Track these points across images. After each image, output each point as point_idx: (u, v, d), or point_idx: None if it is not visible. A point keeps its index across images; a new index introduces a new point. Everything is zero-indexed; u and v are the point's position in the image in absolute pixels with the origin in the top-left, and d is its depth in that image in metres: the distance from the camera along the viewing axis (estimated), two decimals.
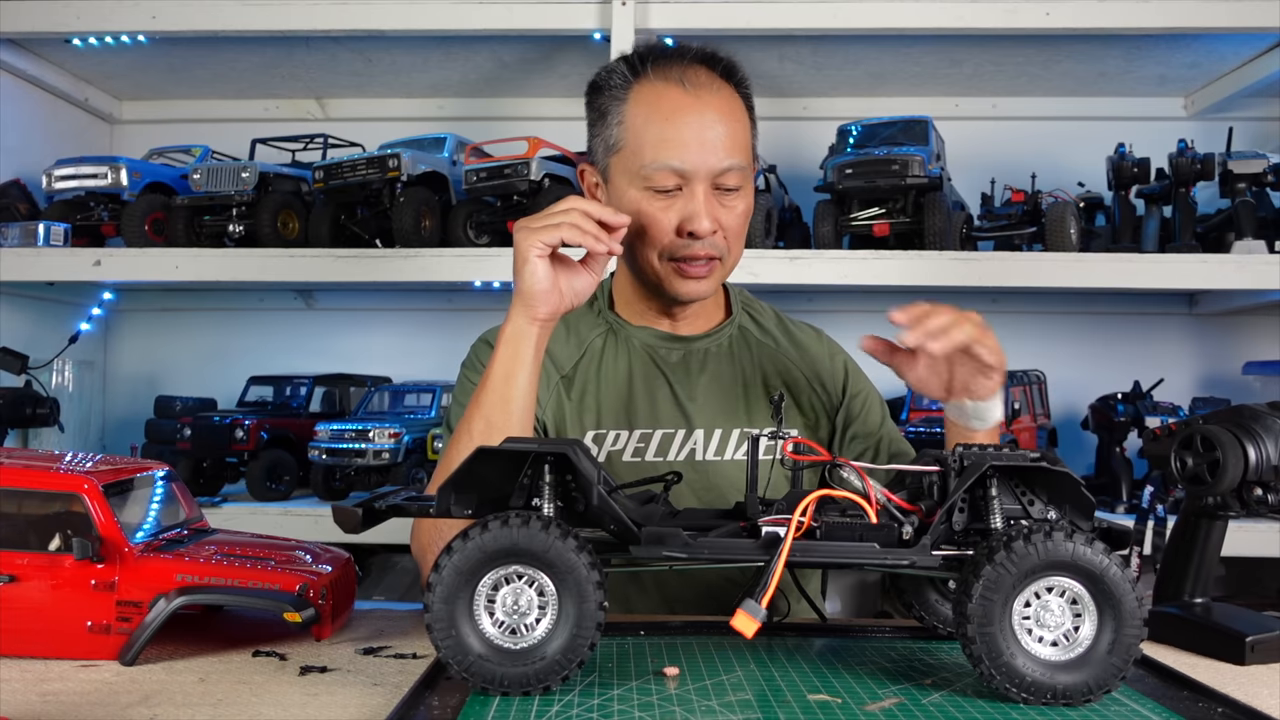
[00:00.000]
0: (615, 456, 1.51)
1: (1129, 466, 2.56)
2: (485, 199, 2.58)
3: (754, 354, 1.61)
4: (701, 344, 1.59)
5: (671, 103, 1.41)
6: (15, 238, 2.55)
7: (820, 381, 1.62)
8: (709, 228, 1.41)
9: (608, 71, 1.49)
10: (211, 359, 3.11)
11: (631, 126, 1.44)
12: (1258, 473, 1.17)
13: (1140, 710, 0.94)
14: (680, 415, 1.53)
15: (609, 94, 1.47)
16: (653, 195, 1.42)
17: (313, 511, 2.45)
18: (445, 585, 0.93)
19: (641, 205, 1.43)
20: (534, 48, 2.69)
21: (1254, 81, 2.66)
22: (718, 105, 1.42)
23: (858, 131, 2.51)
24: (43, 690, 0.96)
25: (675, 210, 1.42)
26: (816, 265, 2.39)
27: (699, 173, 1.40)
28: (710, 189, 1.41)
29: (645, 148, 1.41)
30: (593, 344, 1.58)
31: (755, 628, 0.93)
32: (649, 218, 1.43)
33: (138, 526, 1.11)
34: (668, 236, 1.43)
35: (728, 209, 1.44)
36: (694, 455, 1.52)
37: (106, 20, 2.53)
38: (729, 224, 1.44)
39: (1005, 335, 1.37)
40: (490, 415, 1.31)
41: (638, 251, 1.48)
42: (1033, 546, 0.92)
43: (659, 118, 1.41)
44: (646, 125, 1.42)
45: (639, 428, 1.52)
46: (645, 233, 1.44)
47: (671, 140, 1.39)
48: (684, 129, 1.40)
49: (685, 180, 1.40)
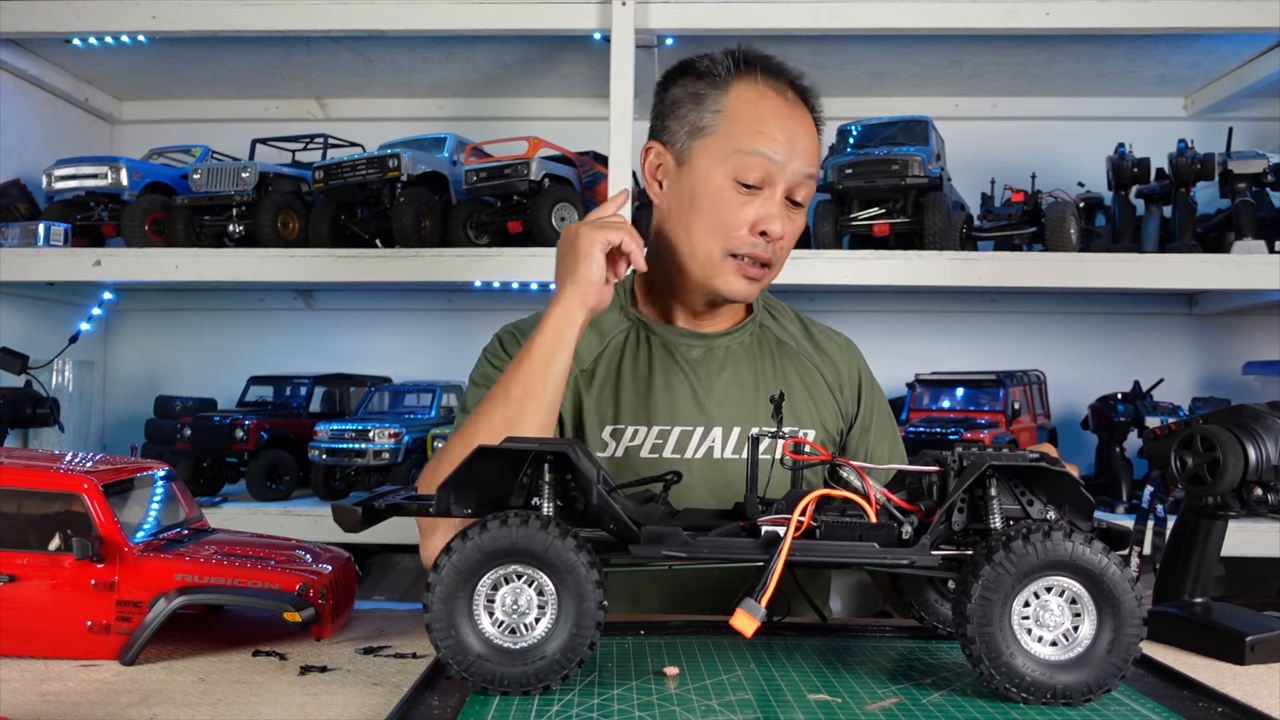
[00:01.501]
0: (633, 452, 1.51)
1: (1129, 466, 2.56)
2: (485, 199, 2.58)
3: (774, 353, 1.62)
4: (722, 341, 1.59)
5: (770, 105, 1.47)
6: (15, 238, 2.55)
7: (840, 387, 1.63)
8: (781, 230, 1.45)
9: (711, 61, 1.51)
10: (211, 359, 3.11)
11: (731, 115, 1.47)
12: (1258, 472, 1.17)
13: (1140, 710, 0.94)
14: (699, 412, 1.54)
15: (709, 80, 1.50)
16: (736, 187, 1.45)
17: (313, 511, 2.45)
18: (445, 585, 0.93)
19: (724, 194, 1.46)
20: (534, 48, 2.69)
21: (1254, 81, 2.66)
22: (808, 123, 1.50)
23: (858, 131, 2.51)
24: (43, 690, 0.97)
25: (753, 208, 1.45)
26: (816, 265, 2.39)
27: (785, 171, 1.44)
28: (784, 196, 1.46)
29: (743, 135, 1.45)
30: (615, 339, 1.59)
31: (755, 627, 0.93)
32: (728, 207, 1.45)
33: (138, 526, 1.11)
34: (740, 230, 1.45)
35: (793, 220, 1.48)
36: (712, 453, 1.52)
37: (106, 20, 2.53)
38: (789, 234, 1.48)
39: (1005, 335, 1.38)
40: (529, 385, 1.34)
41: (697, 240, 1.48)
42: (1032, 546, 0.92)
43: (761, 113, 1.46)
44: (746, 117, 1.46)
45: (657, 424, 1.52)
46: (719, 221, 1.46)
47: (768, 135, 1.44)
48: (781, 130, 1.45)
49: (770, 178, 1.44)
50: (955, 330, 2.97)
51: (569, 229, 1.43)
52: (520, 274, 2.49)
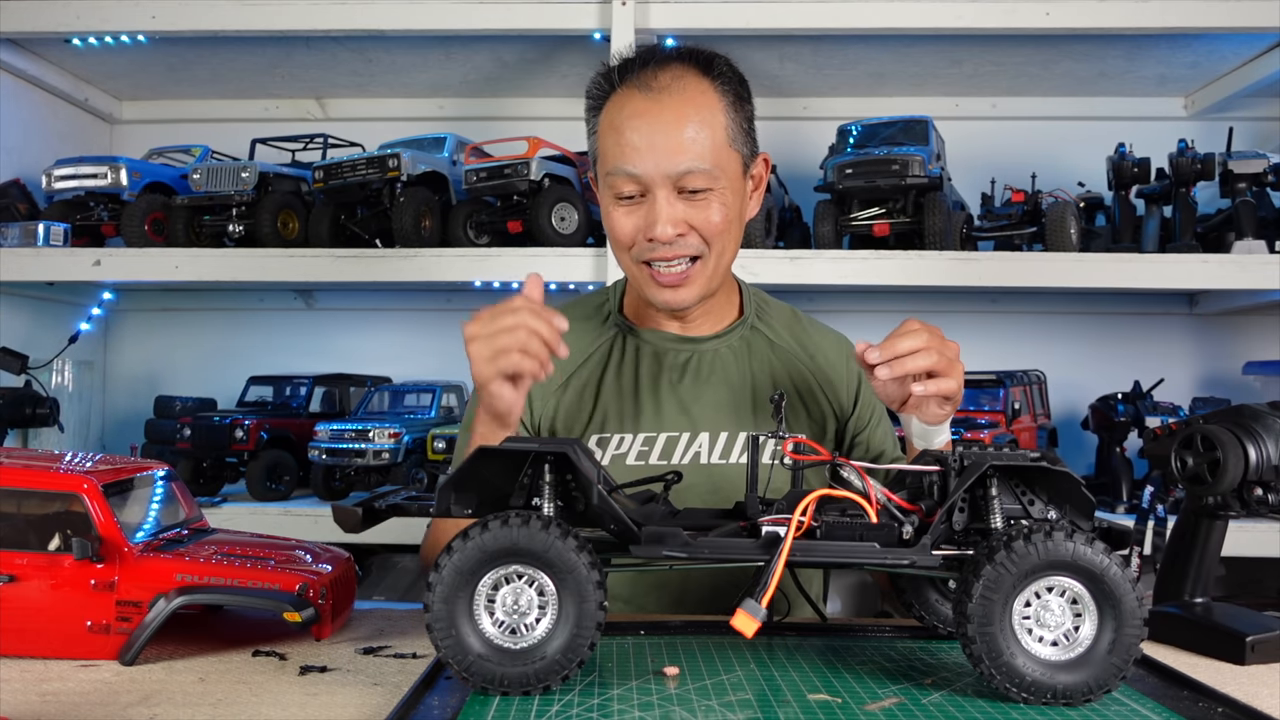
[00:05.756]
0: (619, 460, 1.50)
1: (1129, 466, 2.56)
2: (485, 199, 2.58)
3: (764, 356, 1.60)
4: (710, 345, 1.58)
5: (630, 109, 1.42)
6: (15, 238, 2.55)
7: (831, 387, 1.60)
8: (669, 233, 1.41)
9: (591, 83, 1.51)
10: (211, 359, 3.11)
11: (600, 137, 1.47)
12: (1258, 472, 1.17)
13: (1140, 710, 0.94)
14: (685, 418, 1.52)
15: (590, 105, 1.51)
16: (619, 202, 1.44)
17: (313, 511, 2.45)
18: (445, 585, 0.93)
19: (611, 212, 1.46)
20: (534, 48, 2.69)
21: (1254, 81, 2.66)
22: (678, 107, 1.40)
23: (858, 131, 2.51)
24: (43, 690, 0.96)
25: (639, 215, 1.44)
26: (817, 265, 2.40)
27: (654, 177, 1.40)
28: (674, 192, 1.41)
29: (607, 155, 1.44)
30: (600, 348, 1.58)
31: (755, 627, 0.93)
32: (616, 223, 1.46)
33: (138, 526, 1.11)
34: (632, 242, 1.45)
35: (698, 210, 1.42)
36: (699, 458, 1.51)
37: (106, 20, 2.53)
38: (702, 224, 1.43)
39: (1005, 335, 1.37)
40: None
41: (618, 258, 1.51)
42: (1033, 546, 0.92)
43: (619, 124, 1.43)
44: (609, 133, 1.44)
45: (643, 431, 1.51)
46: (617, 238, 1.47)
47: (626, 146, 1.41)
48: (638, 134, 1.40)
49: (643, 185, 1.42)
50: (955, 330, 2.92)
51: (467, 332, 1.25)
52: (520, 274, 2.48)
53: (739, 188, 1.48)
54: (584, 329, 1.59)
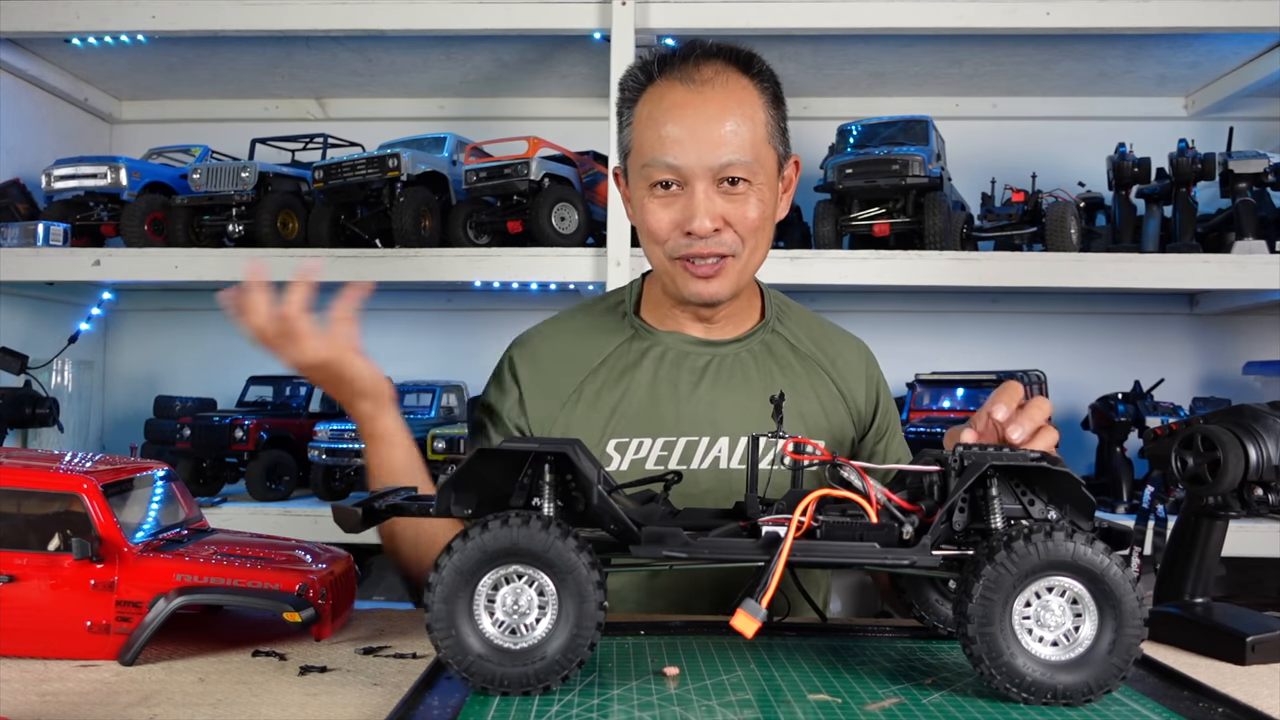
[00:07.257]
0: (638, 465, 1.48)
1: (1129, 466, 2.56)
2: (485, 199, 2.58)
3: (785, 360, 1.58)
4: (730, 349, 1.55)
5: (672, 100, 1.41)
6: (15, 238, 2.55)
7: (851, 394, 1.59)
8: (707, 226, 1.39)
9: (627, 75, 1.49)
10: (211, 359, 3.11)
11: (638, 127, 1.44)
12: (1258, 472, 1.17)
13: (1140, 710, 0.94)
14: (706, 422, 1.50)
15: (624, 98, 1.48)
16: (655, 193, 1.42)
17: (313, 511, 2.45)
18: (445, 585, 0.92)
19: (646, 204, 1.44)
20: (534, 48, 2.69)
21: (1254, 81, 2.66)
22: (721, 100, 1.39)
23: (858, 131, 2.51)
24: (42, 690, 0.96)
25: (676, 208, 1.42)
26: (817, 265, 2.40)
27: (695, 169, 1.39)
28: (713, 186, 1.40)
29: (646, 147, 1.42)
30: (617, 350, 1.56)
31: (755, 627, 0.92)
32: (652, 216, 1.43)
33: (137, 526, 1.11)
34: (669, 234, 1.43)
35: (735, 205, 1.42)
36: (718, 463, 1.49)
37: (106, 20, 2.53)
38: (739, 220, 1.42)
39: (1005, 335, 1.37)
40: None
41: (649, 252, 1.48)
42: (1033, 546, 0.92)
43: (658, 115, 1.41)
44: (648, 125, 1.42)
45: (663, 435, 1.49)
46: (651, 231, 1.44)
47: (667, 138, 1.39)
48: (680, 125, 1.39)
49: (683, 177, 1.40)
50: (955, 330, 2.97)
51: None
52: (520, 274, 2.49)
53: (774, 186, 1.47)
54: (599, 330, 1.58)
